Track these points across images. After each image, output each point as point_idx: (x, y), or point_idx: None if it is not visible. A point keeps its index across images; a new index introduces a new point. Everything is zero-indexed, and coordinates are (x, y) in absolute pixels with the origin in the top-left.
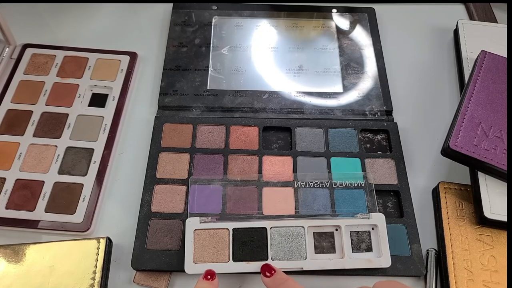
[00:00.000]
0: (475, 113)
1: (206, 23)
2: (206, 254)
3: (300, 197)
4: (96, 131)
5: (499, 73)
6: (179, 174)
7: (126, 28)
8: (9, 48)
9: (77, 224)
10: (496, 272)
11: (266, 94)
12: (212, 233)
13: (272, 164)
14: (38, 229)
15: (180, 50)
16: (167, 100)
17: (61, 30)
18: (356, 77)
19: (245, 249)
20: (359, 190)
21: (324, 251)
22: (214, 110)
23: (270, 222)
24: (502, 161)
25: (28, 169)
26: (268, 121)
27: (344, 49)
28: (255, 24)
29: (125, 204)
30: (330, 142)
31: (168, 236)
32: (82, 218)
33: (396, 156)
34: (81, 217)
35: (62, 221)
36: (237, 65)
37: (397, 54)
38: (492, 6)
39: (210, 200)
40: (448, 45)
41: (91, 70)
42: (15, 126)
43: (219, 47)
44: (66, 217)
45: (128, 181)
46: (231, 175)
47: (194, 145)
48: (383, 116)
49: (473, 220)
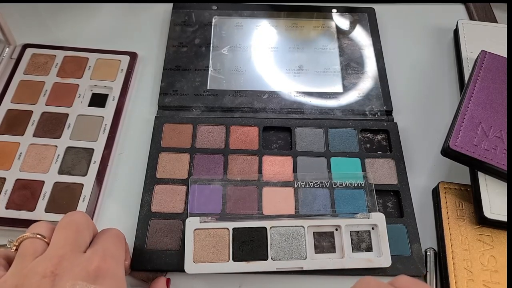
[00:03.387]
0: (475, 113)
1: (206, 23)
2: (206, 254)
3: (300, 197)
4: (96, 131)
5: (499, 73)
6: (179, 174)
7: (126, 28)
8: (9, 48)
9: None
10: (496, 272)
11: (266, 94)
12: (212, 233)
13: (272, 164)
14: None
15: (180, 50)
16: (167, 100)
17: (61, 30)
18: (356, 77)
19: (245, 249)
20: (359, 190)
21: (324, 250)
22: (214, 110)
23: (270, 222)
24: (502, 161)
25: (28, 169)
26: (268, 121)
27: (344, 49)
28: (255, 24)
29: (125, 204)
30: (330, 142)
31: (168, 236)
32: None
33: (396, 156)
34: None
35: None
36: (237, 65)
37: (397, 54)
38: (492, 6)
39: (210, 200)
40: (448, 45)
41: (91, 70)
42: (15, 126)
43: (219, 47)
44: None
45: (128, 181)
46: (231, 175)
47: (194, 145)
48: (383, 116)
49: (473, 220)
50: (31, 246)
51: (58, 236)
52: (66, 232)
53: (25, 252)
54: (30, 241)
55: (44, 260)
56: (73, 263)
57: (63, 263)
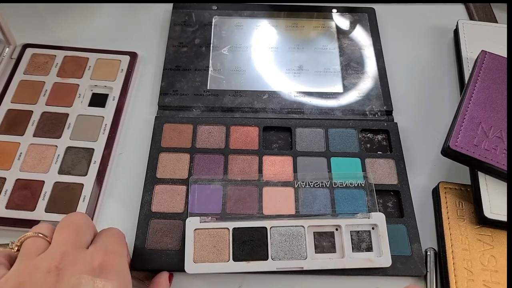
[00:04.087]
0: (475, 113)
1: (206, 23)
2: (206, 254)
3: (300, 197)
4: (96, 131)
5: (499, 73)
6: (179, 174)
7: (126, 28)
8: (9, 48)
9: None
10: (496, 272)
11: (266, 94)
12: (212, 233)
13: (272, 164)
14: None
15: (180, 50)
16: (167, 100)
17: (61, 30)
18: (356, 77)
19: (245, 249)
20: (359, 190)
21: (325, 250)
22: (214, 110)
23: (270, 221)
24: (502, 161)
25: (28, 169)
26: (268, 121)
27: (344, 49)
28: (255, 24)
29: (125, 204)
30: (330, 142)
31: (168, 236)
32: None
33: (396, 156)
34: None
35: None
36: (237, 65)
37: (397, 54)
38: (492, 6)
39: (210, 200)
40: (448, 45)
41: (91, 70)
42: (15, 126)
43: (219, 47)
44: None
45: (128, 181)
46: (231, 175)
47: (194, 145)
48: (383, 116)
49: (473, 220)
50: (33, 244)
51: (60, 235)
52: (68, 231)
53: (28, 250)
54: (32, 240)
55: (47, 257)
56: (77, 258)
57: (67, 259)
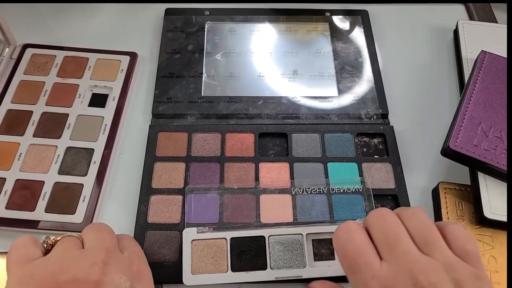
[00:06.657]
0: (475, 113)
1: (199, 29)
2: (205, 265)
3: (298, 204)
4: (96, 131)
5: (499, 73)
6: (175, 183)
7: (126, 28)
8: (9, 48)
9: (77, 224)
10: (496, 272)
11: (261, 100)
12: (210, 243)
13: (268, 171)
14: (38, 229)
15: (173, 57)
16: (161, 108)
17: (61, 30)
18: (351, 81)
19: (243, 259)
20: (356, 195)
21: (324, 258)
22: (209, 117)
23: (268, 230)
24: (502, 161)
25: (28, 169)
26: (264, 127)
27: (339, 53)
28: (248, 29)
29: (125, 204)
30: (326, 147)
31: (165, 248)
32: (82, 218)
33: (393, 160)
34: (81, 217)
35: (62, 221)
36: (231, 71)
37: (396, 56)
38: (492, 6)
39: (207, 209)
40: (448, 45)
41: (91, 70)
42: (15, 126)
43: (212, 53)
44: (66, 217)
45: (128, 181)
46: (227, 183)
47: (190, 153)
48: (379, 120)
49: (473, 220)
50: (71, 240)
51: (98, 235)
52: (104, 233)
53: (67, 243)
54: (68, 238)
55: (93, 251)
56: (119, 259)
57: (112, 257)
